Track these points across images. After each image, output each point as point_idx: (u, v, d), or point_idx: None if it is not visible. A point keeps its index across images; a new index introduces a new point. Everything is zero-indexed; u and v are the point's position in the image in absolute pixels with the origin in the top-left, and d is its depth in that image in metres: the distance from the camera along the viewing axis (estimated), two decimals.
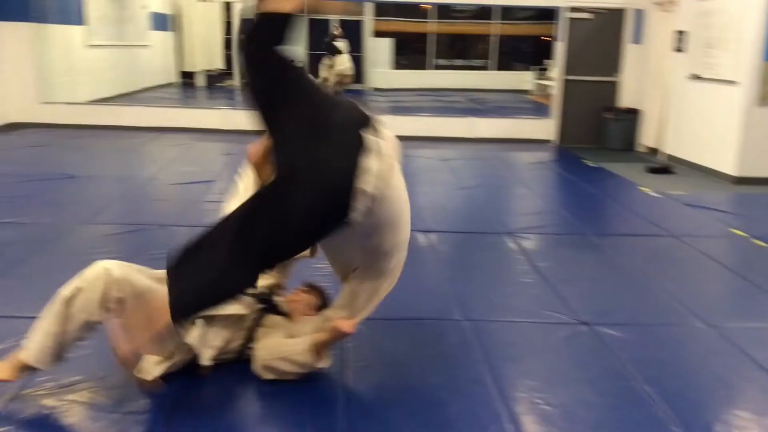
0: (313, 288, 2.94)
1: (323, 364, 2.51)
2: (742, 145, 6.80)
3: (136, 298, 2.29)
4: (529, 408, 2.46)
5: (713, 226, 5.12)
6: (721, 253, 4.47)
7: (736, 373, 2.79)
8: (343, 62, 13.49)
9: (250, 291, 2.71)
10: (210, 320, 2.48)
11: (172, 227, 4.59)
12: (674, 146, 8.04)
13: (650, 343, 3.01)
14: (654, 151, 8.62)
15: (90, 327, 2.35)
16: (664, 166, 7.48)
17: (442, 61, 18.50)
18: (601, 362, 2.84)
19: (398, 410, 2.42)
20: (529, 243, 4.56)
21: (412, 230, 4.73)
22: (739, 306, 3.65)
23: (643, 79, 8.95)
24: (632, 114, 9.02)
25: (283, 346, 2.52)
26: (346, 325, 2.43)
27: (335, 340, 2.51)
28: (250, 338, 2.61)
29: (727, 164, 6.98)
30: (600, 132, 9.19)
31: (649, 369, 2.75)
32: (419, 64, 18.26)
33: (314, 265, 3.17)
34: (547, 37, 17.48)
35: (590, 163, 7.84)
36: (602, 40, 9.07)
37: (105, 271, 2.30)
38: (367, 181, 2.10)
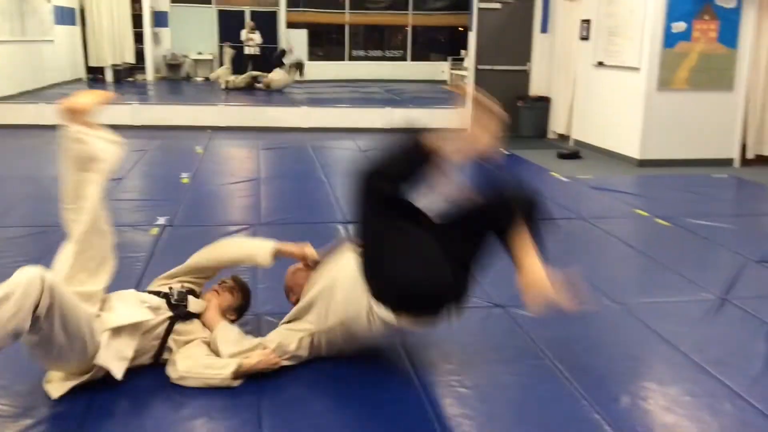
0: (237, 286, 2.85)
1: (237, 383, 2.47)
2: (644, 128, 7.11)
3: (62, 310, 2.16)
4: (446, 391, 2.51)
5: (618, 208, 5.34)
6: (626, 232, 4.67)
7: (642, 347, 2.93)
8: (278, 75, 13.30)
9: (161, 293, 2.66)
10: (117, 331, 2.39)
11: None
12: (582, 132, 8.34)
13: (561, 322, 3.11)
14: (564, 138, 8.92)
15: (16, 336, 2.11)
16: (573, 152, 7.74)
17: (359, 52, 18.51)
18: (515, 343, 2.92)
19: (318, 401, 2.43)
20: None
21: (331, 222, 4.75)
22: (643, 283, 3.83)
23: (552, 67, 9.22)
24: (543, 102, 9.29)
25: (204, 369, 2.45)
26: (275, 359, 2.49)
27: (262, 369, 2.48)
28: (163, 345, 2.54)
29: (631, 148, 7.29)
30: (513, 120, 9.41)
31: (560, 347, 2.85)
32: (336, 56, 18.21)
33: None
34: (462, 27, 17.76)
35: (504, 151, 8.02)
36: (513, 30, 9.27)
37: (40, 277, 2.13)
38: None
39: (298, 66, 13.64)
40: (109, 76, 14.93)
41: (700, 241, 4.44)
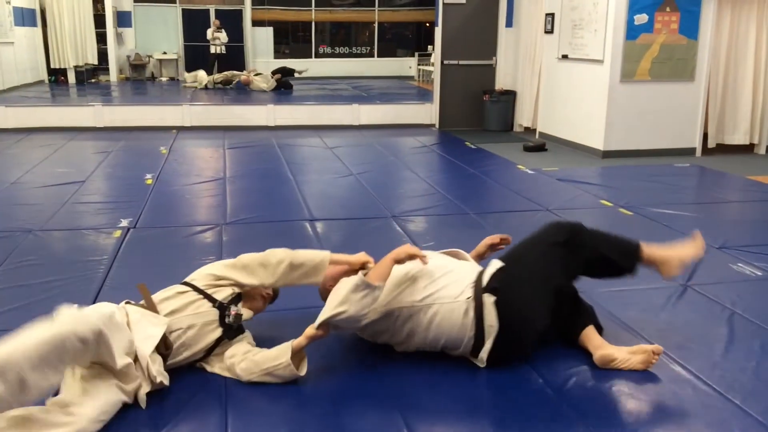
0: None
1: (303, 371, 2.46)
2: (608, 120, 7.19)
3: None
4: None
5: (584, 198, 5.39)
6: (591, 222, 4.61)
7: (606, 335, 2.90)
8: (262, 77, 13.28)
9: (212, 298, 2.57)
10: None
11: (42, 231, 4.36)
12: (548, 125, 8.40)
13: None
14: (530, 131, 8.98)
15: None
16: (538, 145, 7.80)
17: (325, 49, 18.44)
18: None
19: (283, 404, 2.41)
20: (414, 225, 4.64)
21: (298, 220, 4.73)
22: None
23: (516, 61, 9.28)
24: (508, 96, 9.34)
25: (265, 362, 2.44)
26: (315, 330, 2.45)
27: (310, 341, 2.46)
28: (204, 358, 2.55)
29: (595, 139, 7.36)
30: (480, 114, 9.47)
31: None
32: (303, 53, 18.13)
33: None
34: (429, 23, 17.80)
35: (471, 145, 8.06)
36: (478, 25, 9.31)
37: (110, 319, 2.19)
38: None
39: (286, 74, 13.53)
40: (71, 77, 14.69)
41: (663, 229, 4.51)
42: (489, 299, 2.52)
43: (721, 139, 7.70)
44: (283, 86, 13.01)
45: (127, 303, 2.51)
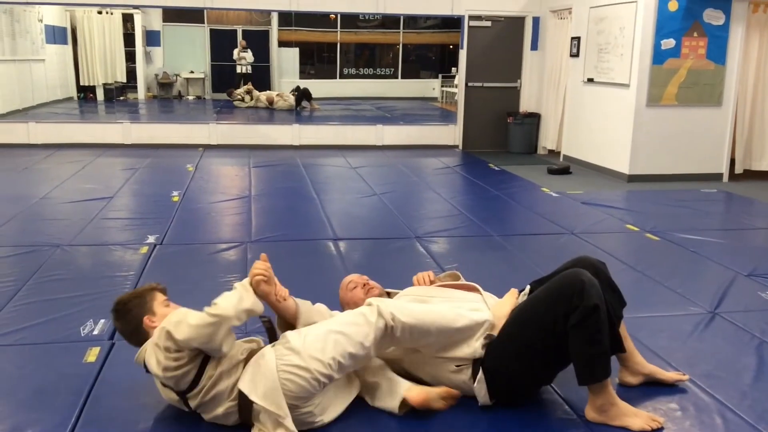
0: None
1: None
2: (633, 144, 7.15)
3: None
4: None
5: (609, 223, 5.35)
6: (617, 247, 4.68)
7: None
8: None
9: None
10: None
11: (70, 246, 4.41)
12: (572, 148, 8.38)
13: None
14: (554, 153, 8.96)
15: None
16: (563, 167, 7.77)
17: (350, 70, 18.60)
18: None
19: None
20: (437, 246, 4.63)
21: (321, 239, 4.75)
22: (634, 298, 3.77)
23: (541, 84, 9.29)
24: (533, 118, 9.34)
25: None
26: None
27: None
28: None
29: (621, 163, 7.32)
30: (503, 136, 9.47)
31: None
32: (327, 74, 18.29)
33: None
34: (453, 45, 17.89)
35: (494, 167, 8.05)
36: (503, 48, 9.35)
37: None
38: None
39: (303, 96, 13.69)
40: (100, 95, 14.95)
41: (690, 256, 4.45)
42: (481, 378, 2.43)
43: (749, 164, 7.62)
44: (304, 96, 13.33)
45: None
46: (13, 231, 4.86)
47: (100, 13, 14.71)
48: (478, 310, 2.54)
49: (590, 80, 7.91)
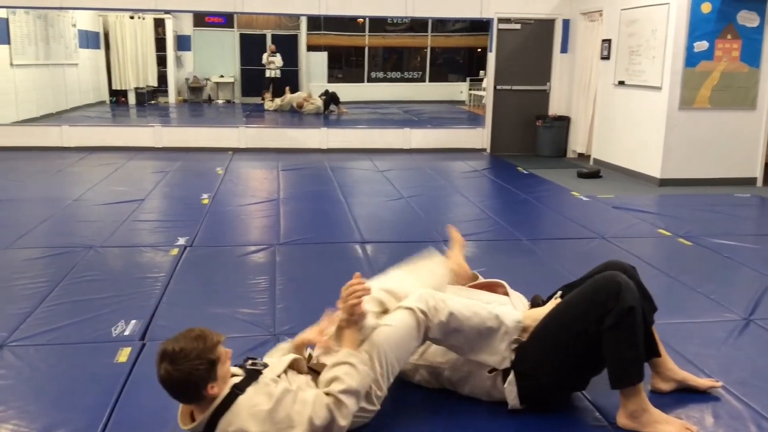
0: None
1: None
2: (665, 148, 7.05)
3: None
4: None
5: (640, 227, 5.27)
6: (649, 252, 4.61)
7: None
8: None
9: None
10: None
11: (102, 248, 4.47)
12: (602, 151, 8.29)
13: None
14: (584, 157, 8.87)
15: None
16: (593, 171, 7.69)
17: (378, 74, 18.63)
18: None
19: None
20: (465, 250, 4.59)
21: (349, 242, 4.75)
22: (667, 303, 3.73)
23: (571, 87, 9.21)
24: (562, 121, 9.26)
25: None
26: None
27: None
28: None
29: (652, 167, 7.22)
30: (532, 140, 9.40)
31: None
32: (355, 78, 18.35)
33: None
34: (481, 48, 17.83)
35: (523, 170, 8.00)
36: (532, 50, 9.29)
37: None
38: None
39: (332, 100, 13.76)
40: (131, 98, 15.17)
41: (724, 261, 4.37)
42: (512, 379, 2.42)
43: None
44: (332, 100, 13.35)
45: None
46: (47, 232, 4.94)
47: (132, 18, 14.93)
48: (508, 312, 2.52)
49: (621, 83, 7.82)
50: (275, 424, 2.02)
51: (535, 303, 2.67)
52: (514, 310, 2.53)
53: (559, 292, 2.64)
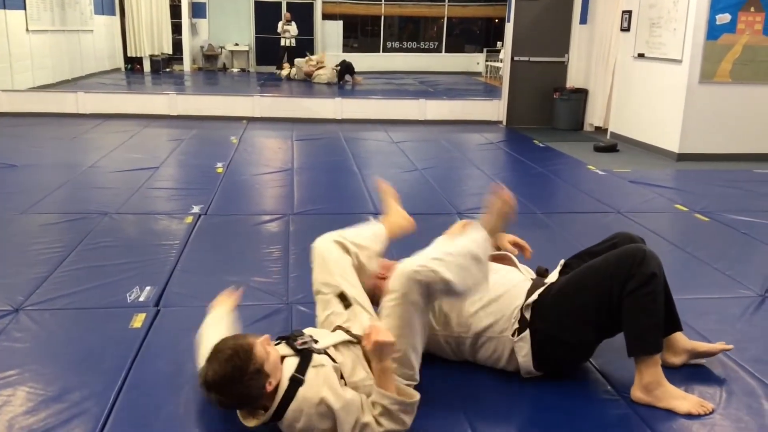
0: None
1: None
2: (684, 122, 6.96)
3: None
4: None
5: (657, 202, 5.22)
6: (665, 227, 4.57)
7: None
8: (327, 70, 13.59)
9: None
10: None
11: (117, 215, 4.49)
12: (620, 125, 8.19)
13: None
14: (601, 130, 8.78)
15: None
16: (610, 145, 7.61)
17: (393, 44, 18.46)
18: None
19: None
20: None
21: (362, 213, 4.74)
22: (682, 279, 3.71)
23: (590, 59, 9.08)
24: (580, 94, 9.14)
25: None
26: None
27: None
28: None
29: (670, 141, 7.13)
30: (549, 112, 9.30)
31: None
32: (371, 47, 18.19)
33: None
34: (498, 19, 17.61)
35: (539, 143, 7.93)
36: (550, 21, 9.14)
37: None
38: None
39: (346, 71, 13.57)
40: (147, 66, 15.14)
41: (741, 237, 4.32)
42: (526, 336, 2.41)
43: None
44: (347, 71, 13.24)
45: None
46: (63, 198, 4.97)
47: None
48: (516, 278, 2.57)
49: (641, 55, 7.69)
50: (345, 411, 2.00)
51: (540, 273, 2.67)
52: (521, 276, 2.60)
53: (561, 262, 2.64)
